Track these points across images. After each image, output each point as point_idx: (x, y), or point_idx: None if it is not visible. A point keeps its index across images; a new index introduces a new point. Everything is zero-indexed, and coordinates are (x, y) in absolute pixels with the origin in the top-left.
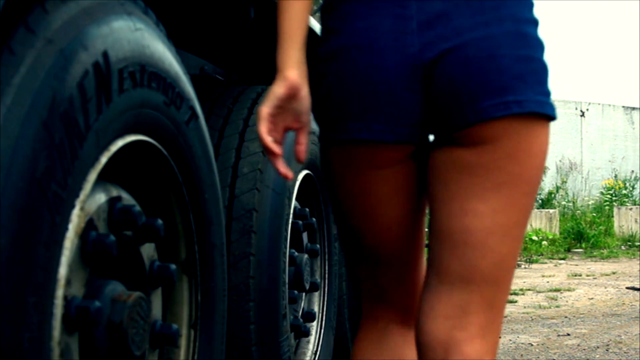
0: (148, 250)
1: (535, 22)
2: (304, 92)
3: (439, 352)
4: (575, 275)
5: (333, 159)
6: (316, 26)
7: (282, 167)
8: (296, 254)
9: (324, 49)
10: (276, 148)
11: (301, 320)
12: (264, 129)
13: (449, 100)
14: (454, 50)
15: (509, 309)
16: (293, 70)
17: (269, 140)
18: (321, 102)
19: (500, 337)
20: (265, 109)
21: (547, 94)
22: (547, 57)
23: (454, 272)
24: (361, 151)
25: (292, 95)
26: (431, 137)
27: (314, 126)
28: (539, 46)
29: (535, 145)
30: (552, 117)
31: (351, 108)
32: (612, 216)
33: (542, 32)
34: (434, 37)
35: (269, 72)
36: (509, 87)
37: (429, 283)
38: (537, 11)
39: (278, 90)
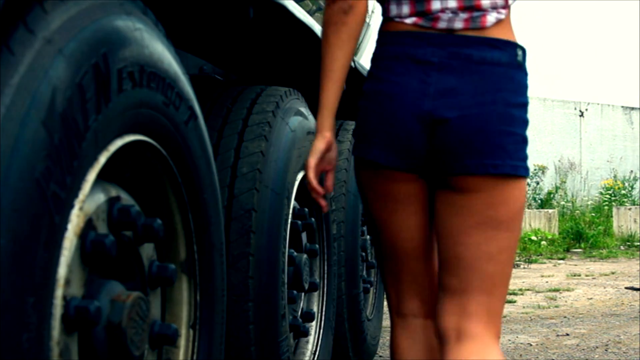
0: (147, 251)
1: (523, 105)
2: (335, 145)
3: (453, 337)
4: (574, 275)
5: (364, 176)
6: (315, 26)
7: (323, 202)
8: (295, 254)
9: (367, 87)
10: (320, 188)
11: (300, 320)
12: (312, 174)
13: (445, 151)
14: (455, 119)
15: (508, 309)
16: (329, 132)
17: (316, 183)
18: (358, 125)
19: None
20: (312, 160)
21: (523, 159)
22: (545, 58)
23: (452, 286)
24: (383, 172)
25: (328, 148)
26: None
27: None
28: (522, 124)
29: (509, 197)
30: (525, 176)
31: (376, 139)
32: (611, 216)
33: (541, 33)
34: (443, 104)
35: (268, 72)
36: (489, 153)
37: (439, 294)
38: (537, 11)
39: (320, 145)
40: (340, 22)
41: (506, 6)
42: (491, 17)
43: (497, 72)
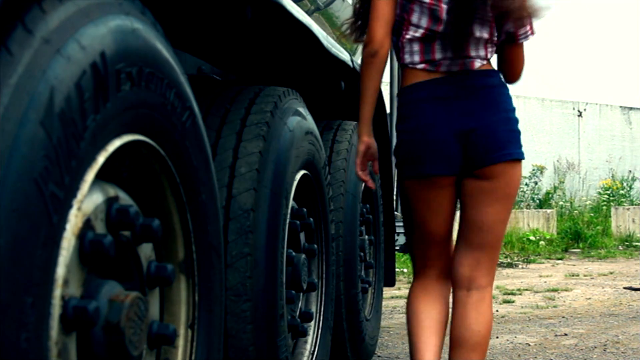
0: (145, 251)
1: (514, 110)
2: (374, 145)
3: (465, 284)
4: (573, 275)
5: (409, 185)
6: (313, 26)
7: (371, 183)
8: (294, 254)
9: (405, 126)
10: (367, 177)
11: (299, 320)
12: (359, 170)
13: (474, 153)
14: (476, 129)
15: (506, 309)
16: (368, 136)
17: (363, 174)
18: (402, 156)
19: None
20: (357, 160)
21: (521, 147)
22: (544, 58)
23: (473, 242)
24: (431, 181)
25: (368, 148)
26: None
27: (314, 128)
28: (516, 123)
29: (516, 176)
30: (522, 159)
31: (426, 158)
32: (610, 216)
33: (540, 32)
34: (466, 121)
35: (266, 72)
36: (503, 146)
37: (458, 248)
38: None
39: (361, 147)
40: (370, 62)
41: (487, 59)
42: (477, 63)
43: (494, 92)
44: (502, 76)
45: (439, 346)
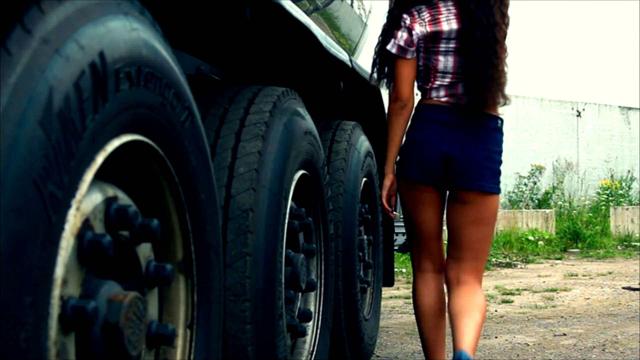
0: (144, 251)
1: (499, 152)
2: (395, 180)
3: (454, 283)
4: (572, 275)
5: (402, 185)
6: (312, 26)
7: (392, 215)
8: (292, 254)
9: (410, 136)
10: (389, 208)
11: (297, 320)
12: (384, 201)
13: (453, 175)
14: (459, 157)
15: (505, 309)
16: (392, 174)
17: (387, 205)
18: (403, 158)
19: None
20: (383, 192)
21: (497, 183)
22: (543, 58)
23: (455, 255)
24: (415, 184)
25: (392, 184)
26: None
27: (313, 128)
28: (497, 163)
29: (489, 206)
30: (497, 194)
31: (414, 165)
32: (609, 216)
33: (539, 33)
34: (453, 148)
35: (265, 72)
36: (478, 178)
37: (447, 253)
38: (534, 11)
39: (387, 183)
40: (399, 113)
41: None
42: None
43: (485, 132)
44: (500, 121)
45: (440, 327)
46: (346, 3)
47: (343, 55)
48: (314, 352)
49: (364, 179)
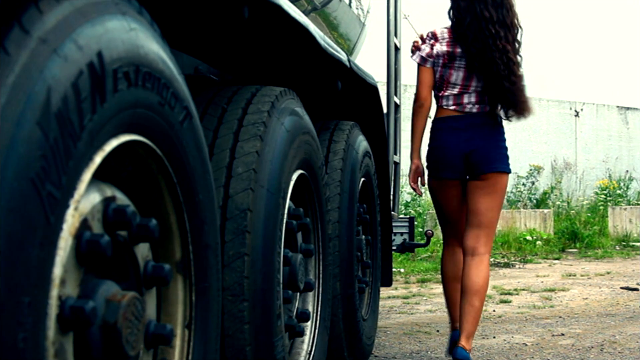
0: (142, 251)
1: (504, 140)
2: (422, 165)
3: (470, 251)
4: (570, 275)
5: (433, 183)
6: (310, 26)
7: (419, 191)
8: (290, 254)
9: (431, 144)
10: (417, 187)
11: (295, 320)
12: (412, 181)
13: (474, 166)
14: (474, 151)
15: (503, 309)
16: (417, 160)
17: (414, 185)
18: (429, 164)
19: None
20: (410, 177)
21: (507, 164)
22: (540, 57)
23: (473, 223)
24: (445, 181)
25: (417, 168)
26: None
27: (311, 127)
28: (505, 148)
29: (501, 182)
30: (508, 172)
31: (442, 167)
32: (607, 216)
33: (537, 32)
34: (468, 145)
35: (263, 72)
36: (493, 162)
37: (465, 228)
38: (532, 11)
39: (413, 167)
40: (419, 111)
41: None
42: (486, 108)
43: (490, 128)
44: (499, 117)
45: (458, 289)
46: (344, 3)
47: (341, 55)
48: (312, 352)
49: (362, 179)
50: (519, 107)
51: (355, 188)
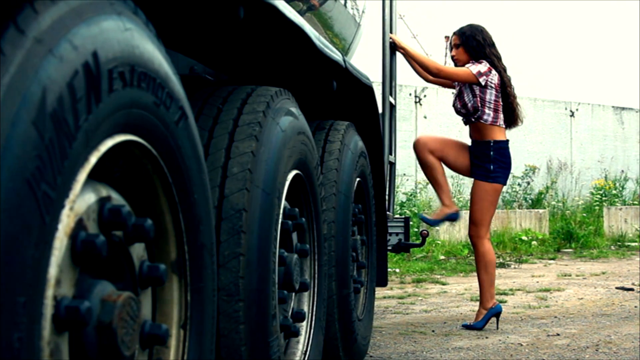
0: (138, 251)
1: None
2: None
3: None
4: (565, 276)
5: (500, 187)
6: (305, 26)
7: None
8: (286, 254)
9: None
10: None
11: (291, 320)
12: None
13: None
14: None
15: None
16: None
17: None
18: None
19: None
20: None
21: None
22: (536, 58)
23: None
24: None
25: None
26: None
27: (307, 127)
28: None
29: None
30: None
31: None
32: (602, 216)
33: (532, 33)
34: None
35: (259, 72)
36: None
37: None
38: (528, 11)
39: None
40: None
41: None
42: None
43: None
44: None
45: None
46: (340, 3)
47: (336, 56)
48: (307, 352)
49: (358, 179)
50: None
51: (350, 188)
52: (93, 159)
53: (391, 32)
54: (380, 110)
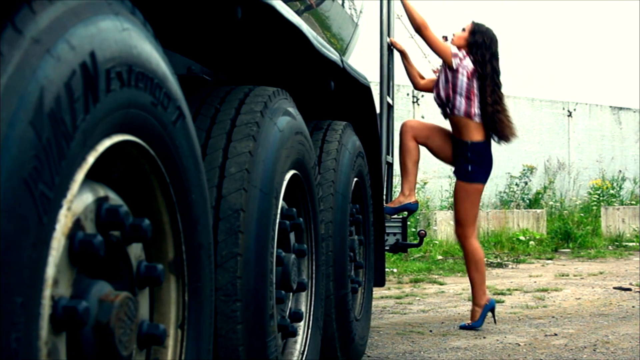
0: (135, 251)
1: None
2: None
3: (462, 238)
4: (563, 275)
5: (482, 188)
6: (302, 26)
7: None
8: (283, 254)
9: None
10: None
11: (288, 320)
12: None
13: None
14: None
15: (496, 309)
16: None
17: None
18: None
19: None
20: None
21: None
22: (534, 57)
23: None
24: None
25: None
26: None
27: (304, 127)
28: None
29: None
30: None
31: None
32: (600, 216)
33: (530, 32)
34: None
35: (256, 72)
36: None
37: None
38: (526, 11)
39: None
40: (426, 87)
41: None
42: None
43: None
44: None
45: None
46: (337, 3)
47: (334, 56)
48: (305, 353)
49: (355, 179)
50: None
51: (348, 188)
52: (90, 159)
53: (389, 32)
54: (377, 110)
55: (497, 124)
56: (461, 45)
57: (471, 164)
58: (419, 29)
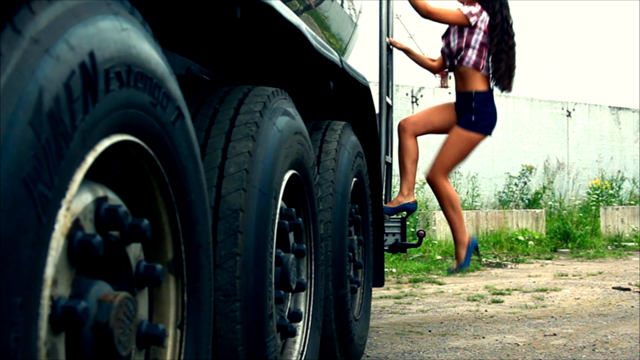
0: (134, 251)
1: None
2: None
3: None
4: (562, 275)
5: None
6: (302, 26)
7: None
8: (282, 254)
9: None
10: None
11: (287, 320)
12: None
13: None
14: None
15: (495, 309)
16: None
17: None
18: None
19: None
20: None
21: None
22: (533, 58)
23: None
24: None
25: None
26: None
27: (303, 128)
28: (473, 114)
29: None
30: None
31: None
32: (599, 216)
33: (529, 33)
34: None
35: (255, 72)
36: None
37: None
38: (525, 11)
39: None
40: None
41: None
42: None
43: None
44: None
45: None
46: (336, 3)
47: (333, 56)
48: (304, 353)
49: (354, 179)
50: None
51: (347, 188)
52: (90, 159)
53: (388, 32)
54: (377, 110)
55: (497, 71)
56: (472, 0)
57: (475, 114)
58: (425, 13)
